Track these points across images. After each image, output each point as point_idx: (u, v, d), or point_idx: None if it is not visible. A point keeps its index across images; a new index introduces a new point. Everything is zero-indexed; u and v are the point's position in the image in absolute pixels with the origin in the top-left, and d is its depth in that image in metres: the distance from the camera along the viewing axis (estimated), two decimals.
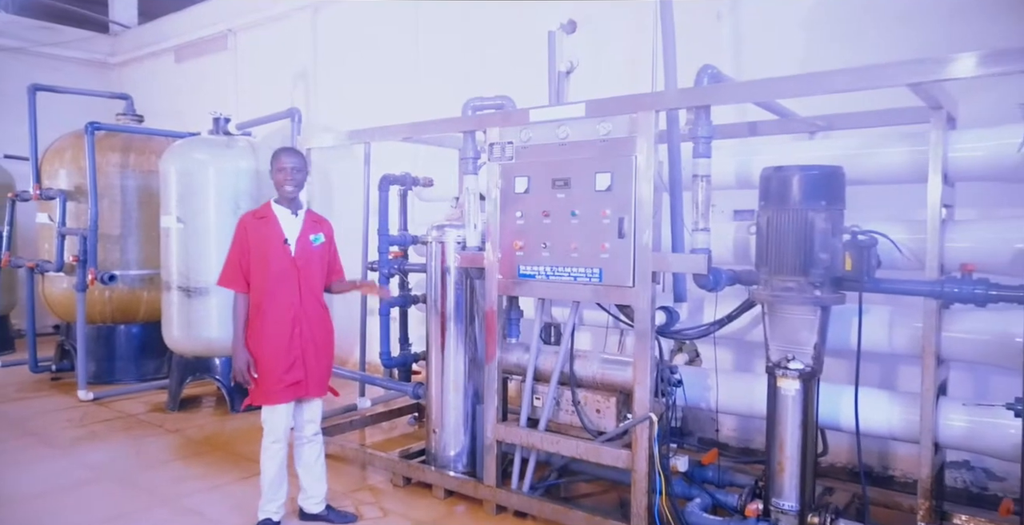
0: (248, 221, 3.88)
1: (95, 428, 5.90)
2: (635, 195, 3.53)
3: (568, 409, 3.97)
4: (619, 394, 3.81)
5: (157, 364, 7.67)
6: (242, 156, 6.40)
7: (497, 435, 4.09)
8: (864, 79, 2.99)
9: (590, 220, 3.69)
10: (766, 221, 3.34)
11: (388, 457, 4.70)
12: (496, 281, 4.07)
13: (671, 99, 3.50)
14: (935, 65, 2.85)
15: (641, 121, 3.52)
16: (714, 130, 3.44)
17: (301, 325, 3.79)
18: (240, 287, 3.83)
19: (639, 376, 3.53)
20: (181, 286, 6.30)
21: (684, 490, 3.80)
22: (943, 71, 2.83)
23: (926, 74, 2.88)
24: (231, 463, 5.02)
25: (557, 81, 6.12)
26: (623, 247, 3.57)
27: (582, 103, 3.72)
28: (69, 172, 7.32)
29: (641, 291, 3.52)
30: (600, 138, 3.66)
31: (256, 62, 9.43)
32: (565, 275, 3.78)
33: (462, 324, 4.50)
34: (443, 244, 4.52)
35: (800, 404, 3.32)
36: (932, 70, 2.86)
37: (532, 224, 3.91)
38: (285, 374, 3.74)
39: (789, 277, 3.25)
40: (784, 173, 3.30)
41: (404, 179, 5.63)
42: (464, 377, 4.52)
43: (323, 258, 3.92)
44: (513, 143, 4.00)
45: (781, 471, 3.35)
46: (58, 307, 7.56)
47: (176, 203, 6.30)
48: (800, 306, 3.26)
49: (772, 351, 3.39)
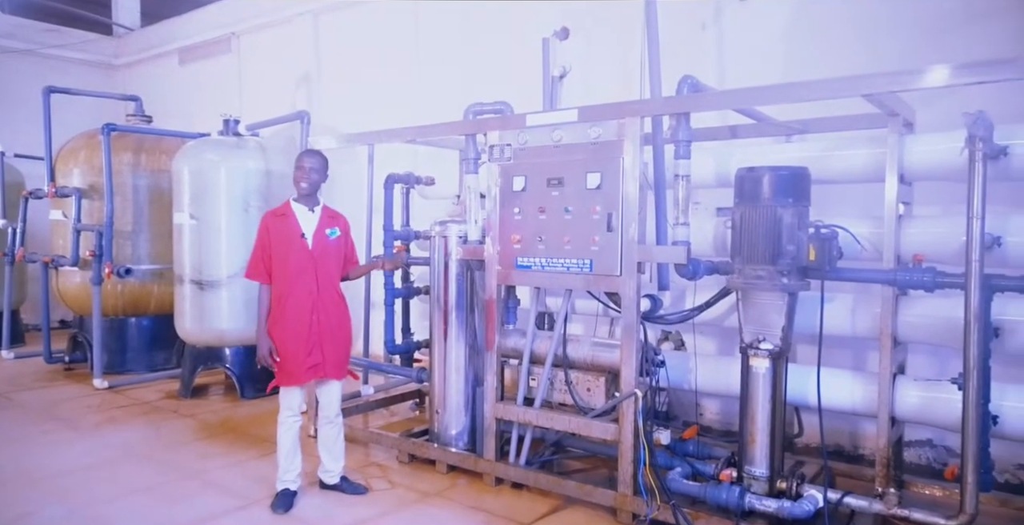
0: (269, 219, 4.25)
1: (114, 413, 6.24)
2: (622, 193, 3.90)
3: (561, 389, 4.35)
4: (608, 374, 4.19)
5: (167, 355, 8.01)
6: (252, 156, 6.75)
7: (496, 413, 4.46)
8: (822, 90, 3.38)
9: (582, 216, 4.06)
10: (740, 216, 3.72)
11: (395, 436, 5.07)
12: (495, 272, 4.44)
13: (655, 106, 3.89)
14: (886, 78, 3.24)
15: (628, 126, 3.89)
16: (692, 134, 3.82)
17: (319, 313, 4.14)
18: (264, 279, 4.19)
19: (625, 357, 3.91)
20: (194, 279, 6.64)
21: (666, 461, 4.18)
22: (892, 83, 3.23)
23: (878, 86, 3.27)
24: (248, 443, 5.37)
25: (551, 85, 6.49)
26: (611, 240, 3.95)
27: (575, 109, 4.10)
28: (83, 171, 7.64)
29: (628, 280, 3.90)
30: (591, 141, 4.03)
31: (259, 65, 9.72)
32: (559, 266, 4.16)
33: (463, 313, 4.86)
34: (446, 238, 4.88)
35: (770, 381, 3.70)
36: (883, 82, 3.25)
37: (529, 219, 4.28)
38: (306, 357, 4.11)
39: (760, 266, 3.63)
40: (756, 173, 3.67)
41: (408, 178, 6.00)
42: (465, 362, 4.88)
43: (339, 251, 4.29)
44: (511, 145, 4.37)
45: (752, 441, 3.73)
46: (72, 301, 7.89)
47: (189, 201, 6.64)
48: (769, 292, 3.64)
49: (745, 333, 3.77)
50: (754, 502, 3.61)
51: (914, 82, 3.17)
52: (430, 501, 4.32)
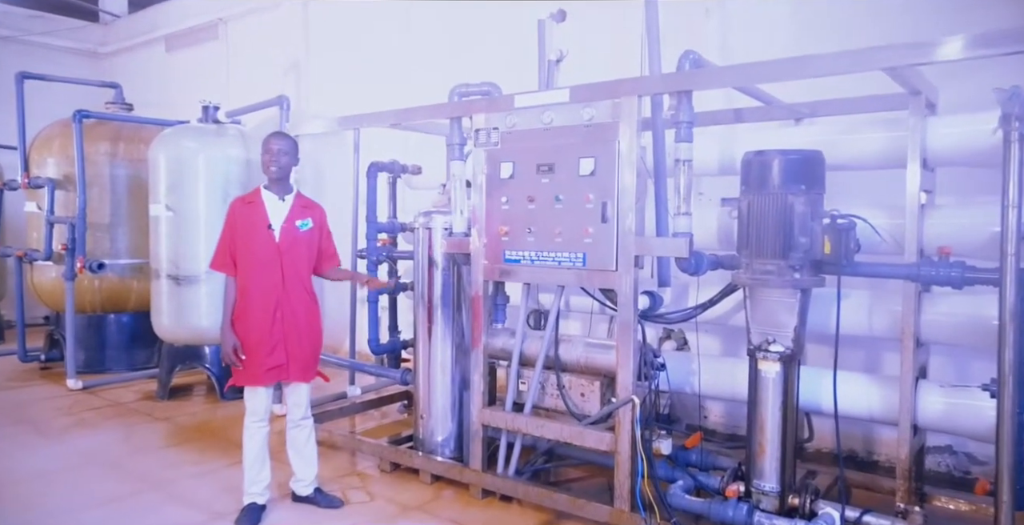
0: (237, 206, 3.92)
1: (85, 416, 5.92)
2: (618, 180, 3.56)
3: (553, 393, 4.01)
4: (603, 378, 3.85)
5: (148, 353, 7.68)
6: (232, 144, 6.41)
7: (483, 419, 4.13)
8: (841, 64, 3.03)
9: (574, 205, 3.72)
10: (747, 205, 3.38)
11: (376, 443, 4.74)
12: (482, 266, 4.10)
13: (653, 84, 3.53)
14: (910, 50, 2.89)
15: (624, 106, 3.54)
16: (695, 115, 3.47)
17: (283, 309, 3.81)
18: (230, 270, 3.87)
19: (622, 359, 3.57)
20: (171, 274, 6.31)
21: (667, 473, 3.85)
22: (918, 55, 2.87)
23: (901, 59, 2.92)
24: (221, 449, 5.05)
25: (547, 70, 6.15)
26: (606, 232, 3.61)
27: (566, 89, 3.75)
28: (58, 161, 7.30)
29: (624, 275, 3.56)
30: (584, 123, 3.69)
31: (247, 52, 9.39)
32: (550, 260, 3.82)
33: (449, 310, 4.53)
34: (430, 230, 4.54)
35: (780, 386, 3.36)
36: (907, 55, 2.90)
37: (517, 209, 3.94)
38: (266, 357, 3.78)
39: (769, 260, 3.29)
40: (764, 157, 3.33)
41: (392, 167, 5.65)
42: (451, 363, 4.55)
43: (311, 243, 3.95)
44: (499, 129, 4.02)
45: (762, 453, 3.39)
46: (47, 296, 7.56)
47: (165, 191, 6.30)
48: (780, 289, 3.30)
49: (753, 334, 3.43)
50: (763, 521, 3.27)
51: (943, 53, 2.81)
52: (411, 515, 3.98)
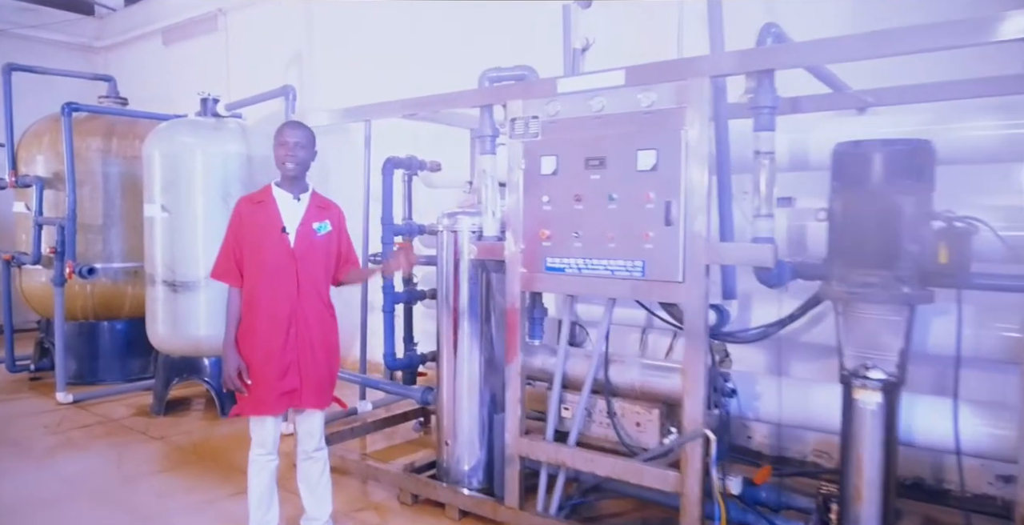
0: (244, 206, 3.39)
1: (73, 435, 5.41)
2: (685, 175, 3.04)
3: (602, 422, 3.49)
4: (662, 405, 3.34)
5: (143, 363, 7.17)
6: (232, 139, 5.90)
7: (520, 450, 3.61)
8: (964, 32, 2.48)
9: (631, 205, 3.19)
10: (841, 206, 2.86)
11: (394, 472, 4.22)
12: (519, 275, 3.58)
13: (730, 63, 2.99)
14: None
15: (692, 89, 3.02)
16: (779, 99, 2.95)
17: (298, 326, 3.30)
18: (234, 280, 3.35)
19: (690, 385, 3.05)
20: (166, 280, 5.80)
21: (738, 515, 3.33)
22: None
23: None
24: (221, 476, 4.53)
25: (572, 59, 5.64)
26: (670, 236, 3.08)
27: (621, 70, 3.23)
28: (47, 158, 6.80)
29: (692, 287, 3.04)
30: (642, 110, 3.17)
31: (248, 44, 8.89)
32: (601, 268, 3.29)
33: (477, 323, 4.03)
34: (456, 233, 4.03)
35: (882, 420, 2.84)
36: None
37: (561, 210, 3.42)
38: (278, 381, 3.26)
39: (871, 271, 2.77)
40: (863, 149, 2.82)
41: (410, 162, 5.13)
42: (479, 381, 4.05)
43: (328, 249, 3.43)
44: (538, 118, 3.50)
45: (858, 498, 2.87)
46: (36, 302, 7.05)
47: (160, 190, 5.79)
48: (884, 305, 2.78)
49: (847, 357, 2.91)
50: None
51: None
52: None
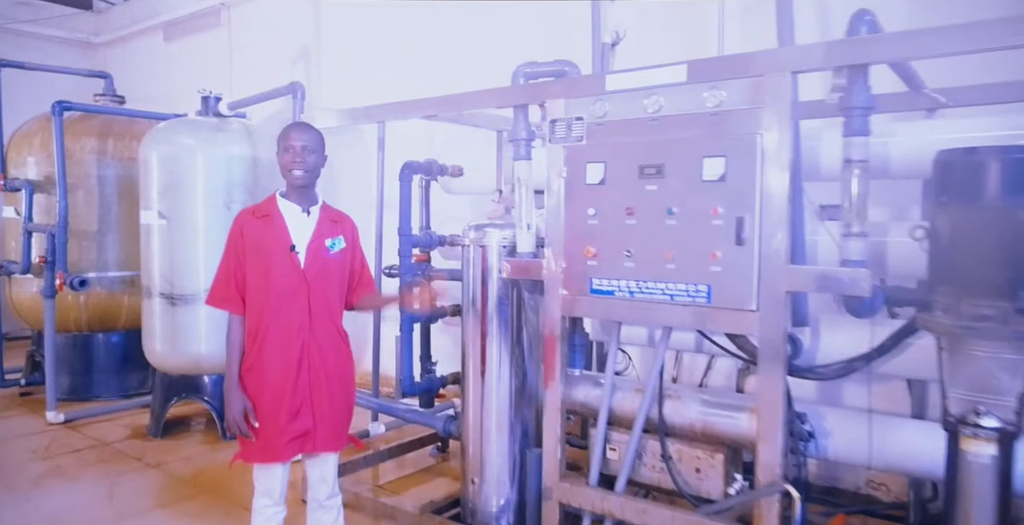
0: (245, 220, 2.95)
1: (62, 462, 4.99)
2: (760, 187, 2.62)
3: (655, 465, 3.07)
4: (727, 449, 2.92)
5: (141, 377, 6.77)
6: (235, 140, 5.49)
7: (561, 496, 3.19)
8: None
9: (694, 220, 2.78)
10: (949, 224, 2.44)
11: (413, 512, 3.81)
12: (559, 298, 3.16)
13: (816, 56, 2.56)
14: None
15: (769, 87, 2.60)
16: (874, 99, 2.53)
17: (311, 358, 2.88)
18: (235, 308, 2.92)
19: (766, 429, 2.63)
20: (164, 293, 5.38)
21: None
22: None
23: None
24: (223, 511, 4.12)
25: (601, 54, 5.25)
26: (742, 257, 2.66)
27: (683, 64, 2.80)
28: (38, 160, 6.40)
29: (769, 317, 2.61)
30: (708, 111, 2.75)
31: (252, 39, 8.48)
32: (657, 292, 2.87)
33: (507, 346, 3.62)
34: (484, 248, 3.62)
35: (996, 474, 2.41)
36: None
37: (610, 225, 3.00)
38: (288, 424, 2.84)
39: (986, 302, 2.34)
40: (976, 156, 2.39)
41: (430, 167, 4.70)
42: (509, 412, 3.64)
43: (343, 268, 3.00)
44: (583, 119, 3.08)
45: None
46: (27, 313, 6.64)
47: (158, 196, 5.38)
48: (1001, 342, 2.36)
49: (952, 400, 2.49)
50: None
51: None
52: None
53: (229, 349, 2.91)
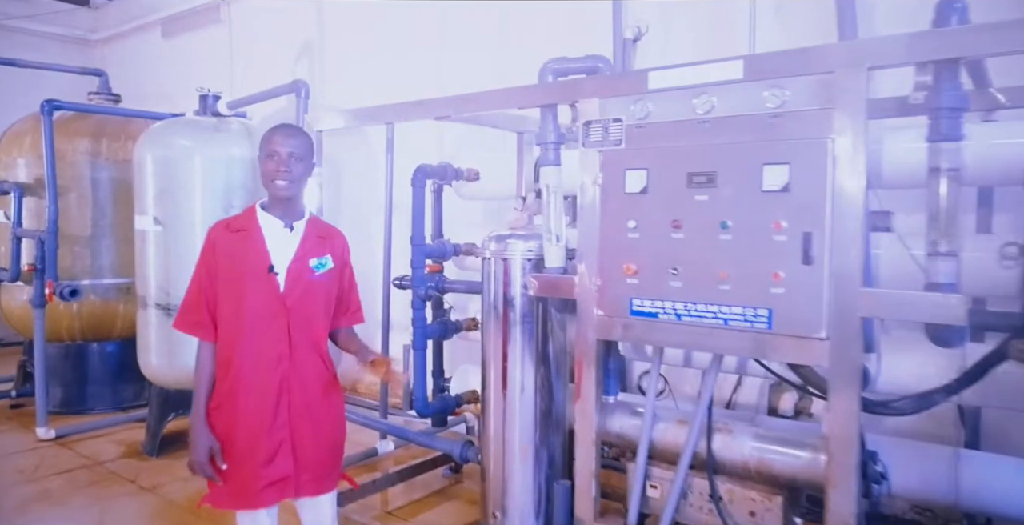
0: (218, 234, 2.58)
1: (50, 485, 4.68)
2: (832, 199, 2.30)
3: (702, 506, 2.76)
4: (785, 490, 2.61)
5: (137, 389, 6.45)
6: (235, 141, 5.18)
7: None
8: None
9: (752, 235, 2.46)
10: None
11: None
12: (594, 319, 2.85)
13: (897, 49, 2.24)
14: None
15: (841, 85, 2.28)
16: (967, 100, 2.21)
17: (291, 393, 2.53)
18: (206, 333, 2.56)
19: (838, 472, 2.31)
20: (160, 303, 5.08)
21: None
22: None
23: None
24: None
25: (623, 50, 4.95)
26: (810, 278, 2.35)
27: (739, 60, 2.49)
28: (29, 162, 6.10)
29: (841, 346, 2.30)
30: (769, 112, 2.43)
31: (254, 36, 8.17)
32: (709, 316, 2.56)
33: (532, 368, 3.31)
34: (506, 261, 3.30)
35: None
36: None
37: (654, 239, 2.68)
38: (263, 468, 2.49)
39: None
40: None
41: (444, 171, 4.37)
42: (534, 439, 3.33)
43: (329, 292, 2.66)
44: (622, 121, 2.77)
45: None
46: (18, 322, 6.35)
47: (153, 200, 5.07)
48: None
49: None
50: None
51: None
52: None
53: (197, 380, 2.55)
